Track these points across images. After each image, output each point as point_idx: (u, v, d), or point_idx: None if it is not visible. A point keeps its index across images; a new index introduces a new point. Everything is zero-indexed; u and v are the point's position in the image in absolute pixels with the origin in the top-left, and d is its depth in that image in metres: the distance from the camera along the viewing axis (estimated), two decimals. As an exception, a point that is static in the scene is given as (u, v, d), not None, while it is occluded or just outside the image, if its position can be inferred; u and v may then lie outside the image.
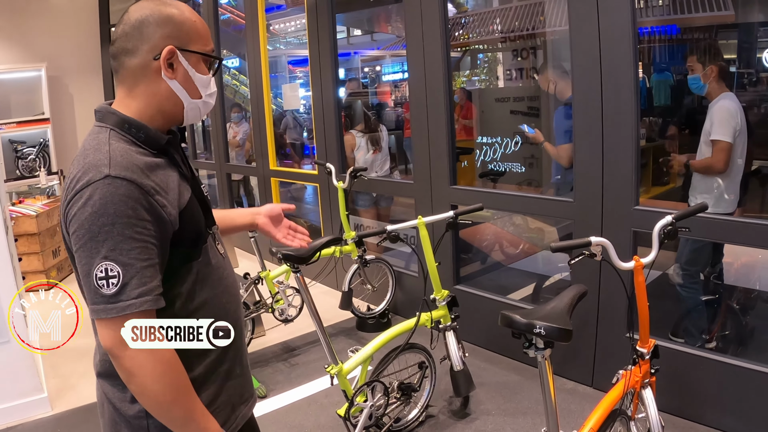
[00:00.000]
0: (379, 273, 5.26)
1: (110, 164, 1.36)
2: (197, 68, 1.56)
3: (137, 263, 1.33)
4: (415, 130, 4.95)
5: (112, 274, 1.31)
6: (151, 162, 1.46)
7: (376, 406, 3.31)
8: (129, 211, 1.33)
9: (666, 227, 2.50)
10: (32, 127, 9.90)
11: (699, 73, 3.72)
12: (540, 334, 1.93)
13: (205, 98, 1.61)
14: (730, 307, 4.35)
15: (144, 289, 1.34)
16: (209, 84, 1.61)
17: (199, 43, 1.55)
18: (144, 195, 1.37)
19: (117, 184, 1.34)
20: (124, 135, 1.48)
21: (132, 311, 1.33)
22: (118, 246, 1.32)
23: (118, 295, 1.32)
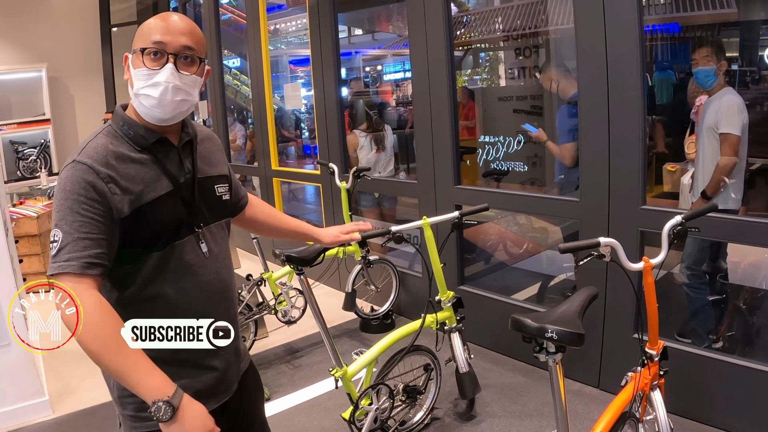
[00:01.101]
0: (383, 274, 5.22)
1: (80, 153, 1.61)
2: (134, 64, 1.69)
3: (75, 233, 1.53)
4: (418, 129, 4.92)
5: (55, 239, 1.54)
6: (126, 155, 1.67)
7: (381, 409, 3.27)
8: (81, 190, 1.56)
9: (675, 227, 2.47)
10: (33, 128, 9.92)
11: (714, 65, 3.68)
12: (552, 339, 1.90)
13: (139, 91, 1.67)
14: (737, 307, 4.32)
15: (72, 255, 1.52)
16: (145, 77, 1.66)
17: (140, 41, 1.68)
18: (98, 179, 1.58)
19: (77, 167, 1.58)
20: (118, 131, 1.71)
21: (59, 272, 1.51)
22: (65, 217, 1.54)
23: (55, 257, 1.52)
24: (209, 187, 1.86)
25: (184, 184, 1.76)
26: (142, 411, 1.67)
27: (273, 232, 2.31)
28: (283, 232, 2.30)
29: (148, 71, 1.66)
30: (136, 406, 1.69)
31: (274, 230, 2.29)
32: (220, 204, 1.89)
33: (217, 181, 1.90)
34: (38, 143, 9.96)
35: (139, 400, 1.64)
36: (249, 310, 4.50)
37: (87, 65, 10.75)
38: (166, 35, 1.66)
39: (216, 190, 1.88)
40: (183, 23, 1.71)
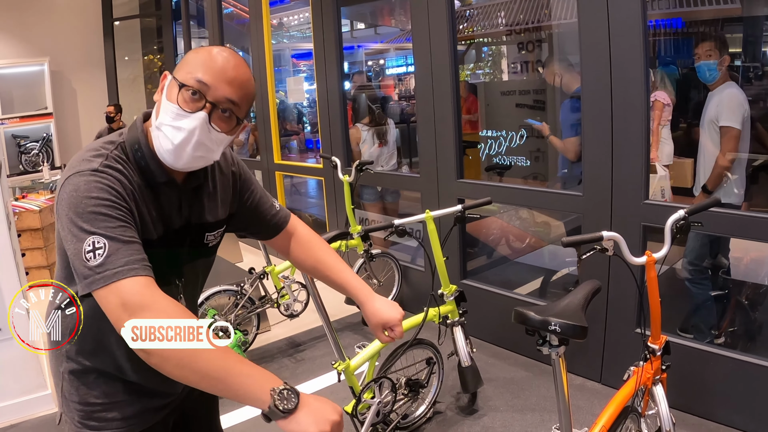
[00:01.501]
0: (385, 267, 5.23)
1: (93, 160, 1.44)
2: (169, 93, 1.49)
3: (122, 237, 1.36)
4: (421, 123, 4.92)
5: (98, 246, 1.33)
6: (135, 184, 1.49)
7: (384, 403, 3.28)
8: (111, 196, 1.39)
9: (678, 222, 2.47)
10: (35, 122, 9.93)
11: (716, 59, 3.68)
12: (555, 332, 1.90)
13: (162, 125, 1.49)
14: (739, 302, 4.32)
15: (130, 258, 1.35)
16: (172, 114, 1.47)
17: (183, 71, 1.49)
18: (124, 190, 1.43)
19: (100, 176, 1.41)
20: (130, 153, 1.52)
21: (119, 278, 1.32)
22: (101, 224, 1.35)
23: (104, 265, 1.32)
24: (199, 236, 1.71)
25: (176, 230, 1.61)
26: (87, 419, 1.64)
27: (316, 276, 2.00)
28: (327, 280, 1.97)
29: (178, 110, 1.46)
30: (83, 414, 1.64)
31: (319, 276, 1.98)
32: (204, 250, 1.75)
33: (211, 229, 1.73)
34: (40, 137, 9.96)
35: (87, 410, 1.64)
36: (251, 304, 4.51)
37: (89, 59, 10.75)
38: (213, 78, 1.47)
39: (205, 237, 1.73)
40: (237, 71, 1.50)
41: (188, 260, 1.70)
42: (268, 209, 1.90)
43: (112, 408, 1.65)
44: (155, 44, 11.40)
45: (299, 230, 1.97)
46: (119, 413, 1.66)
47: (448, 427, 3.57)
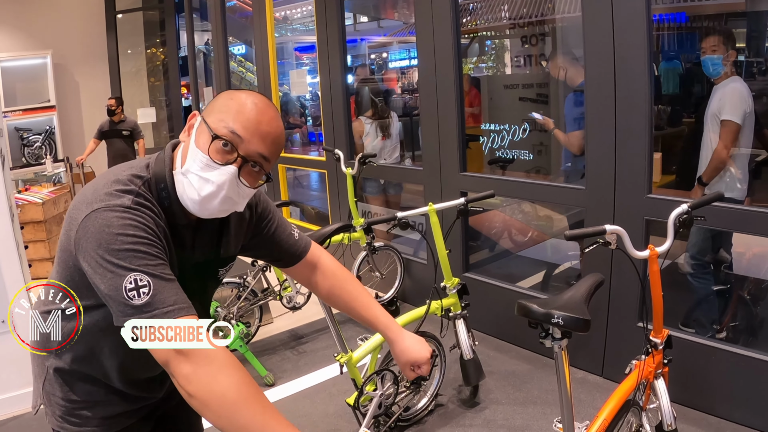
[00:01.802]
0: (388, 260, 5.24)
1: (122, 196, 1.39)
2: (198, 139, 1.45)
3: (163, 275, 1.34)
4: (424, 116, 4.92)
5: (141, 284, 1.31)
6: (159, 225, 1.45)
7: (386, 395, 3.29)
8: (147, 233, 1.36)
9: (681, 216, 2.47)
10: (38, 115, 9.93)
11: (722, 54, 3.67)
12: (558, 324, 1.90)
13: (188, 172, 1.45)
14: (741, 297, 4.32)
15: (177, 297, 1.34)
16: (201, 164, 1.43)
17: (215, 117, 1.44)
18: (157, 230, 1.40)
19: (135, 212, 1.37)
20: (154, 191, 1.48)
21: (178, 315, 1.32)
22: (140, 261, 1.32)
23: (150, 304, 1.30)
24: (212, 272, 1.71)
25: (188, 269, 1.58)
26: (68, 415, 1.66)
27: (343, 310, 1.97)
28: (356, 315, 1.94)
29: (208, 161, 1.42)
30: (65, 410, 1.65)
31: (346, 309, 1.95)
32: (215, 282, 1.77)
33: (222, 264, 1.72)
34: (43, 130, 9.97)
35: (69, 407, 1.64)
36: (254, 296, 4.51)
37: (92, 52, 10.74)
38: (247, 131, 1.42)
39: (217, 272, 1.72)
40: (271, 125, 1.46)
41: (201, 292, 1.70)
42: (287, 238, 1.85)
43: (93, 407, 1.67)
44: (158, 37, 11.40)
45: (323, 261, 1.93)
46: (100, 412, 1.67)
47: (449, 420, 3.58)
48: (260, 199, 1.77)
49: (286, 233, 1.85)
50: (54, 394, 1.66)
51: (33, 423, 3.72)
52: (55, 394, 1.66)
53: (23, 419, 3.80)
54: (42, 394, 1.70)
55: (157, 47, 11.55)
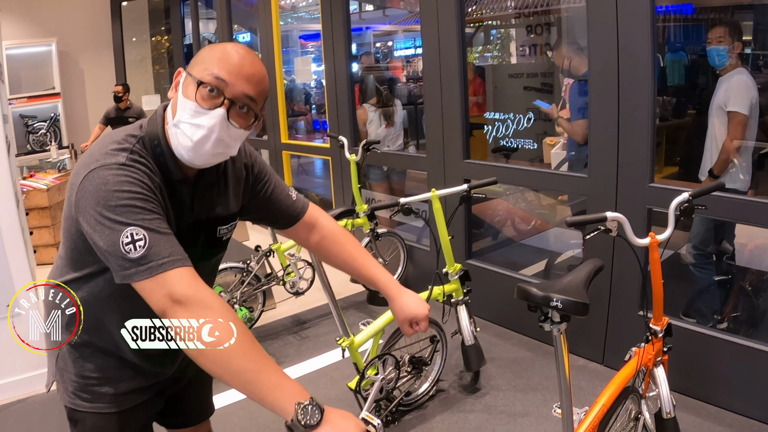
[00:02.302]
0: (391, 247, 5.26)
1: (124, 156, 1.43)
2: (185, 90, 1.49)
3: (159, 229, 1.37)
4: (428, 104, 4.93)
5: (137, 237, 1.34)
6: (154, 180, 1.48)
7: (387, 380, 3.31)
8: (142, 189, 1.39)
9: (682, 204, 2.47)
10: (43, 102, 9.94)
11: (728, 44, 3.67)
12: (557, 308, 1.91)
13: (180, 123, 1.48)
14: (743, 288, 4.33)
15: (173, 250, 1.36)
16: (191, 111, 1.47)
17: (199, 68, 1.48)
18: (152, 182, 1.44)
19: (128, 169, 1.41)
20: (149, 148, 1.51)
21: (165, 269, 1.33)
22: (137, 216, 1.35)
23: (146, 257, 1.33)
24: (211, 230, 1.71)
25: (186, 228, 1.61)
26: (81, 391, 1.69)
27: (344, 270, 1.98)
28: (356, 274, 1.95)
29: (197, 107, 1.46)
30: (78, 386, 1.69)
31: (347, 269, 1.96)
32: (218, 243, 1.76)
33: (223, 222, 1.73)
34: (48, 117, 9.99)
35: (82, 383, 1.68)
36: (257, 281, 4.54)
37: (97, 39, 10.74)
38: (230, 75, 1.46)
39: (217, 231, 1.73)
40: (253, 67, 1.51)
41: (203, 257, 1.69)
42: (284, 199, 1.88)
43: (105, 383, 1.69)
44: (163, 25, 11.39)
45: (322, 222, 1.95)
46: (112, 389, 1.70)
47: (450, 405, 3.60)
48: (257, 161, 1.81)
49: (284, 194, 1.88)
50: (66, 370, 1.69)
51: (38, 406, 3.76)
52: (67, 370, 1.69)
53: (28, 402, 3.82)
54: (55, 371, 1.73)
55: (161, 35, 11.54)
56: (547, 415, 3.40)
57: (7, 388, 3.87)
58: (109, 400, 1.70)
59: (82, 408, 1.69)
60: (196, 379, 1.99)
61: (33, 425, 3.58)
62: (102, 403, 1.69)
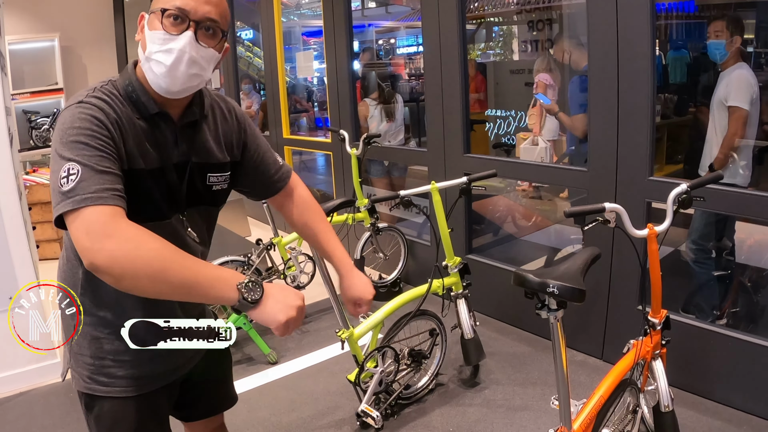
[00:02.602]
0: (392, 242, 5.27)
1: (86, 96, 1.49)
2: (150, 25, 1.54)
3: (96, 166, 1.38)
4: (429, 100, 4.94)
5: (71, 172, 1.35)
6: (126, 115, 1.53)
7: (387, 372, 3.33)
8: (94, 126, 1.43)
9: (680, 195, 2.48)
10: (46, 98, 9.92)
11: (725, 39, 3.67)
12: (553, 294, 1.92)
13: (151, 56, 1.53)
14: (742, 284, 4.34)
15: (100, 186, 1.36)
16: (160, 40, 1.52)
17: (159, 3, 1.52)
18: (107, 120, 1.46)
19: (85, 107, 1.45)
20: (121, 89, 1.57)
21: (86, 204, 1.33)
22: (80, 152, 1.38)
23: (74, 190, 1.34)
24: (201, 175, 1.72)
25: (174, 165, 1.64)
26: (97, 374, 1.69)
27: (305, 237, 2.06)
28: (316, 244, 2.04)
29: (165, 35, 1.51)
30: (94, 368, 1.69)
31: (308, 238, 2.04)
32: (208, 194, 1.76)
33: (213, 170, 1.75)
34: (51, 112, 9.97)
35: (97, 364, 1.68)
36: (258, 275, 4.55)
37: (99, 35, 10.74)
38: (191, 1, 1.52)
39: (207, 178, 1.74)
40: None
41: (191, 200, 1.71)
42: (272, 164, 1.94)
43: (122, 365, 1.68)
44: (166, 21, 11.39)
45: (298, 190, 2.01)
46: (129, 371, 1.69)
47: (450, 399, 3.61)
48: (249, 125, 1.87)
49: (271, 160, 1.94)
50: (81, 353, 1.70)
51: (40, 398, 3.79)
52: (82, 353, 1.69)
53: (30, 395, 3.85)
54: (70, 358, 1.73)
55: (164, 31, 11.54)
56: (546, 409, 3.40)
57: (10, 381, 3.88)
58: (127, 384, 1.69)
59: (99, 392, 1.69)
60: (213, 366, 2.01)
61: (35, 417, 3.59)
62: (119, 386, 1.69)
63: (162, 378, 1.78)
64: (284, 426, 3.41)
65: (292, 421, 3.44)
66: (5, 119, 3.88)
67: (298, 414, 3.53)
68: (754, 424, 3.21)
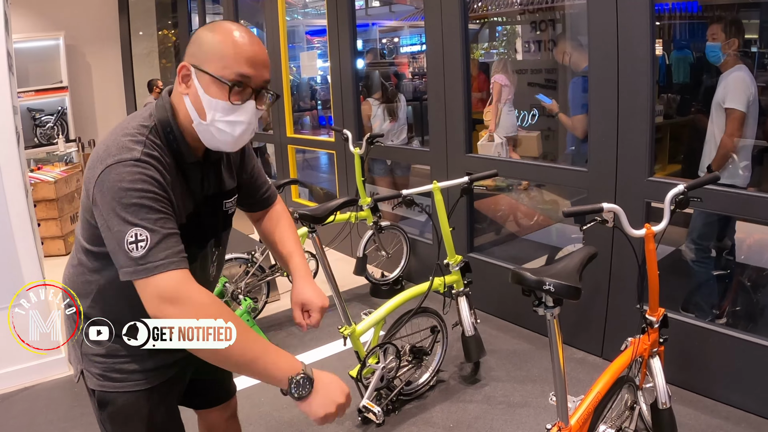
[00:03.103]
0: (394, 240, 5.30)
1: (138, 150, 1.48)
2: (208, 89, 1.54)
3: (162, 230, 1.43)
4: (431, 99, 4.97)
5: (140, 238, 1.41)
6: (169, 167, 1.56)
7: (388, 369, 3.36)
8: (152, 187, 1.45)
9: (677, 196, 2.51)
10: (50, 96, 9.96)
11: (720, 41, 3.70)
12: (549, 291, 1.95)
13: (214, 122, 1.56)
14: (742, 283, 4.36)
15: (170, 251, 1.42)
16: (224, 109, 1.54)
17: (215, 65, 1.52)
18: (163, 179, 1.49)
19: (141, 166, 1.45)
20: (162, 136, 1.58)
21: (160, 271, 1.40)
22: (144, 216, 1.42)
23: (146, 257, 1.40)
24: (219, 204, 1.80)
25: (200, 204, 1.71)
26: (109, 371, 1.71)
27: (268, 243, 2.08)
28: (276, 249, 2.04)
29: (230, 106, 1.54)
30: (105, 366, 1.71)
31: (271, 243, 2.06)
32: (226, 219, 1.87)
33: (227, 197, 1.83)
34: (55, 110, 10.01)
35: (109, 362, 1.70)
36: (261, 272, 4.59)
37: (104, 33, 10.78)
38: (253, 68, 1.54)
39: (224, 205, 1.82)
40: (263, 53, 1.59)
41: (216, 226, 1.81)
42: (262, 184, 2.01)
43: (133, 360, 1.71)
44: (170, 19, 11.43)
45: (276, 206, 2.08)
46: (139, 366, 1.72)
47: (450, 395, 3.65)
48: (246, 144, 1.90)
49: (262, 180, 2.02)
50: (91, 353, 1.72)
51: (43, 393, 3.83)
52: (92, 353, 1.71)
53: (34, 390, 3.90)
54: (81, 359, 1.75)
55: (168, 29, 11.58)
56: (546, 406, 3.44)
57: (15, 376, 3.92)
58: (139, 378, 1.73)
59: (112, 389, 1.72)
60: None
61: (39, 412, 3.63)
62: (131, 381, 1.72)
63: (173, 368, 1.82)
64: (286, 421, 3.45)
65: (294, 417, 3.48)
66: (12, 118, 3.92)
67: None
68: (752, 421, 3.23)
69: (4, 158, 3.82)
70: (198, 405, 2.14)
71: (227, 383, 2.22)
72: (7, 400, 3.79)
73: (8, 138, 3.83)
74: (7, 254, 3.83)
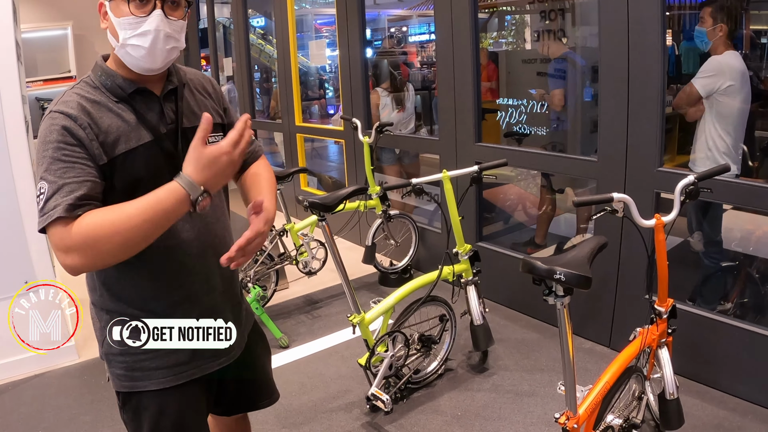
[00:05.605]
0: (403, 229, 5.31)
1: (57, 103, 1.55)
2: (116, 12, 1.58)
3: (59, 180, 1.45)
4: (441, 88, 4.97)
5: (41, 191, 1.45)
6: (103, 104, 1.60)
7: (397, 357, 3.38)
8: (59, 137, 1.49)
9: (687, 186, 2.50)
10: (58, 85, 9.94)
11: (707, 27, 3.68)
12: (560, 280, 1.96)
13: (126, 41, 1.58)
14: (750, 275, 4.34)
15: (59, 201, 1.43)
16: (131, 25, 1.56)
17: None
18: (75, 125, 1.51)
19: (54, 116, 1.52)
20: (95, 81, 1.64)
21: (48, 221, 1.42)
22: (48, 167, 1.47)
23: (42, 208, 1.44)
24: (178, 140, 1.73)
25: (165, 134, 1.67)
26: (131, 370, 1.69)
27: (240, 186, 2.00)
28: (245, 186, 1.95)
29: (135, 19, 1.56)
30: (126, 365, 1.69)
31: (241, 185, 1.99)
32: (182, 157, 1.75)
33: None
34: (64, 100, 10.04)
35: (129, 360, 1.68)
36: (270, 260, 4.61)
37: (113, 22, 10.77)
38: None
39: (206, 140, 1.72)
40: None
41: None
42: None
43: (155, 356, 1.69)
44: (178, 8, 11.39)
45: (260, 162, 2.01)
46: (163, 362, 1.70)
47: (458, 384, 3.67)
48: (221, 92, 1.93)
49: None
50: (113, 353, 1.70)
51: (54, 381, 3.86)
52: (114, 353, 1.70)
53: (45, 377, 3.93)
54: (104, 359, 1.74)
55: (177, 18, 11.54)
56: (554, 395, 3.45)
57: (25, 363, 3.95)
58: (163, 375, 1.70)
59: (136, 388, 1.71)
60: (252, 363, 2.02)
61: (50, 398, 3.66)
62: (155, 378, 1.70)
63: (198, 366, 1.77)
64: (295, 409, 3.47)
65: (303, 404, 3.50)
66: (21, 107, 3.93)
67: (309, 397, 3.60)
68: (759, 413, 3.24)
69: (13, 147, 3.83)
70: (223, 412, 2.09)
71: (270, 385, 2.17)
72: (17, 388, 3.82)
73: (17, 127, 3.85)
74: (19, 243, 3.85)
